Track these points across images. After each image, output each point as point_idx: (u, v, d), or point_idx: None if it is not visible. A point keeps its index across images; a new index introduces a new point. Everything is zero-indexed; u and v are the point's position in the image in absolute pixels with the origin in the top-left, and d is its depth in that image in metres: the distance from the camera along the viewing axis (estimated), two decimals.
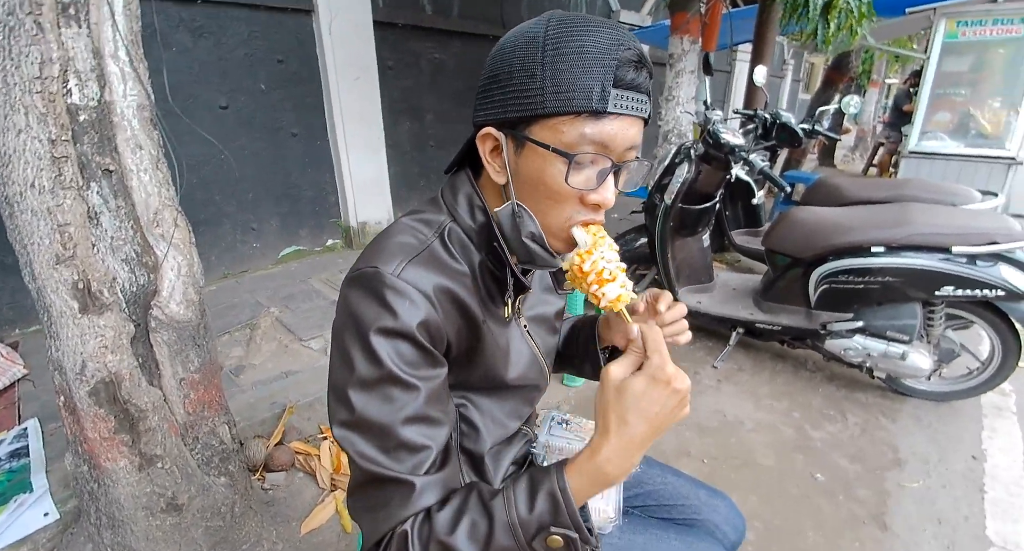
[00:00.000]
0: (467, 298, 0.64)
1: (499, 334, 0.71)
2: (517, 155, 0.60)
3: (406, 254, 0.61)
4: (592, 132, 0.55)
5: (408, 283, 0.58)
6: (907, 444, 2.00)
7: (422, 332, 0.58)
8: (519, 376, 0.74)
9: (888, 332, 2.10)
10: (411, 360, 0.58)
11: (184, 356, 1.17)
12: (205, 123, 2.77)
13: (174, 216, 1.15)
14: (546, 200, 0.60)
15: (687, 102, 3.50)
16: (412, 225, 0.66)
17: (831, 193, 3.04)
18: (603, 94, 0.54)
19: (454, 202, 0.67)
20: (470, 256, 0.66)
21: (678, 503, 0.89)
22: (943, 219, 2.00)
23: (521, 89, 0.56)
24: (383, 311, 0.57)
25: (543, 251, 0.64)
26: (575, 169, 0.57)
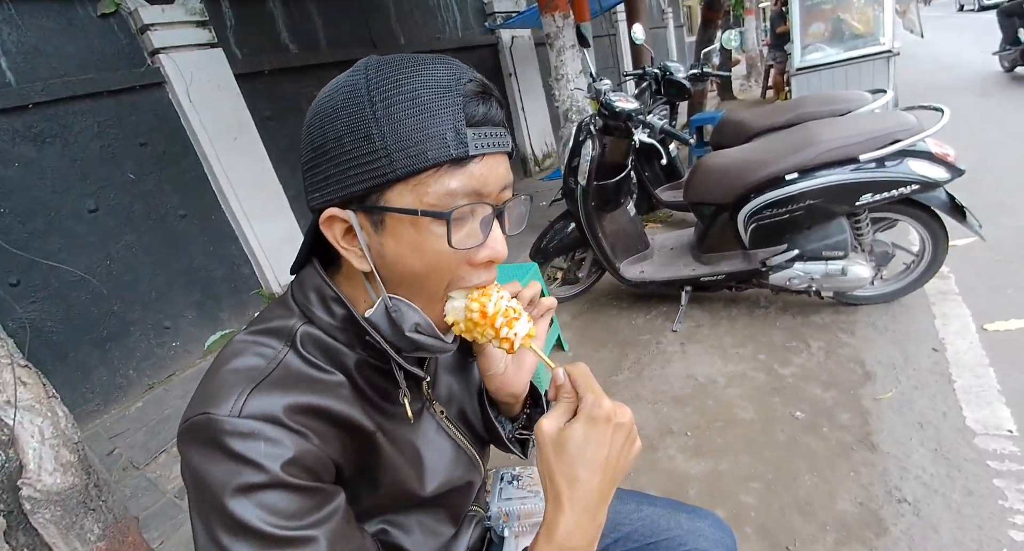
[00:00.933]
0: (347, 410, 0.53)
1: (403, 440, 0.60)
2: (378, 233, 0.50)
3: (246, 382, 0.49)
4: (460, 183, 0.48)
5: (256, 419, 0.47)
6: (872, 355, 2.02)
7: (293, 472, 0.47)
8: (440, 483, 0.63)
9: (823, 252, 2.12)
10: (293, 511, 0.46)
11: (79, 528, 1.01)
12: (76, 230, 2.53)
13: (15, 375, 0.98)
14: (426, 276, 0.52)
15: (576, 77, 3.47)
16: (253, 341, 0.54)
17: (736, 129, 3.07)
18: (459, 137, 0.47)
19: (305, 300, 0.56)
20: (341, 359, 0.55)
21: (661, 538, 0.80)
22: (844, 131, 2.02)
23: (359, 156, 0.47)
24: (234, 465, 0.45)
25: (434, 340, 0.56)
26: (456, 227, 0.49)
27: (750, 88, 9.86)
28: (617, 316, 2.77)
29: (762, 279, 2.28)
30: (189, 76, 2.85)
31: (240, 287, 3.20)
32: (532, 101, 6.33)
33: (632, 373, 2.25)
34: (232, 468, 0.45)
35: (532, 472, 0.85)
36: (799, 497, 1.51)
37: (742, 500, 1.54)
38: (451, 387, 0.70)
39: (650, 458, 1.76)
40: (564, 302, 2.98)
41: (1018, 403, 1.63)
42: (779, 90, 7.48)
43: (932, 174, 1.86)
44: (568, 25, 3.46)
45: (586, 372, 0.51)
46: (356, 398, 0.55)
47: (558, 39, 3.54)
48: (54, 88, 2.43)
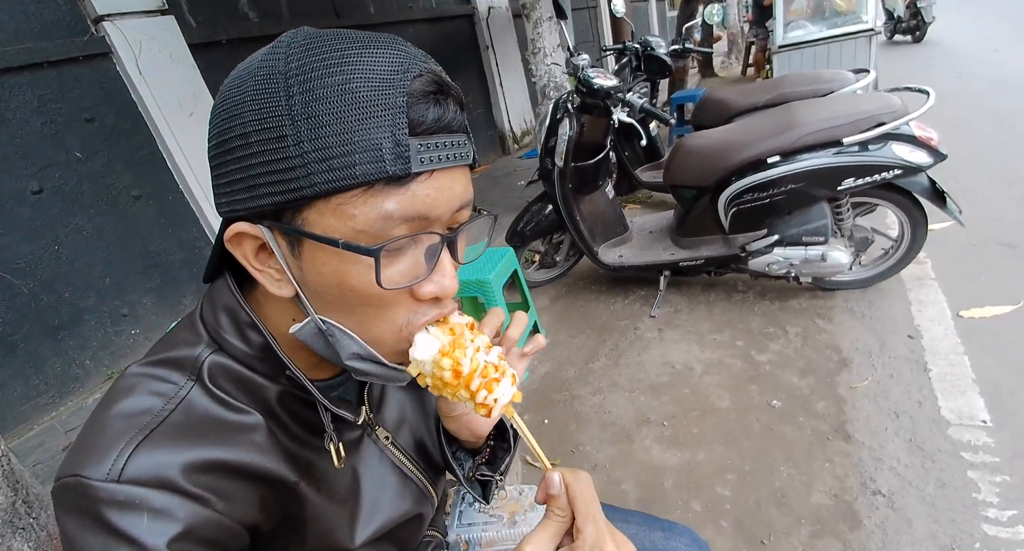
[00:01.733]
0: (263, 463, 0.45)
1: (337, 481, 0.52)
2: (295, 256, 0.41)
3: (133, 433, 0.40)
4: (399, 206, 0.38)
5: (139, 484, 0.38)
6: (848, 341, 2.01)
7: (187, 548, 0.39)
8: (382, 523, 0.55)
9: (804, 238, 2.08)
10: None
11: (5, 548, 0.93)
12: (19, 212, 2.36)
13: None
14: (361, 309, 0.42)
15: (554, 51, 3.34)
16: (148, 374, 0.44)
17: (718, 108, 3.01)
18: (398, 149, 0.36)
19: (216, 323, 0.47)
20: (259, 393, 0.47)
21: None
22: (828, 112, 1.97)
23: (269, 161, 0.37)
24: (110, 542, 0.37)
25: (383, 368, 0.46)
26: (388, 263, 0.39)
27: (731, 65, 9.79)
28: (595, 301, 2.72)
29: (741, 264, 2.25)
30: (138, 46, 2.65)
31: (200, 269, 3.06)
32: (510, 76, 6.16)
33: (609, 360, 2.21)
34: (109, 544, 0.37)
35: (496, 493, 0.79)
36: (775, 489, 1.50)
37: (718, 492, 1.52)
38: (403, 409, 0.62)
39: (626, 449, 1.73)
40: (541, 286, 2.92)
41: (992, 392, 1.63)
42: (760, 68, 7.40)
43: (915, 159, 1.82)
44: None
45: (588, 489, 0.40)
46: (275, 443, 0.46)
47: (535, 10, 3.40)
48: None
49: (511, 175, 5.16)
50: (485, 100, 6.04)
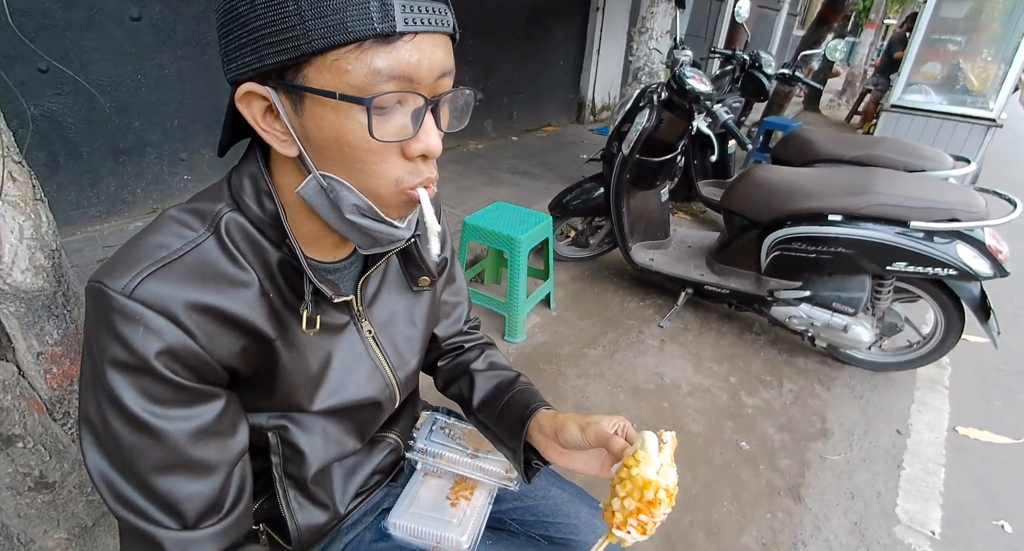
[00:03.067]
0: (247, 313, 0.51)
1: (312, 349, 0.59)
2: (298, 113, 0.46)
3: (149, 263, 0.47)
4: (387, 64, 0.42)
5: (143, 303, 0.46)
6: (836, 415, 2.03)
7: (166, 363, 0.47)
8: (342, 400, 0.62)
9: (834, 303, 2.07)
10: (159, 397, 0.48)
11: (39, 329, 1.04)
12: (116, 36, 2.43)
13: (6, 169, 0.96)
14: (357, 163, 0.47)
15: (662, 36, 3.22)
16: (178, 218, 0.51)
17: (803, 147, 2.91)
18: (384, 8, 0.41)
19: (239, 187, 0.53)
20: (264, 255, 0.53)
21: (556, 520, 0.82)
22: (906, 189, 1.91)
23: (272, 21, 0.41)
24: (112, 342, 0.46)
25: (380, 224, 0.51)
26: (379, 117, 0.45)
27: (838, 106, 9.29)
28: (612, 293, 2.75)
29: (764, 307, 2.25)
30: None
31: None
32: (610, 45, 5.95)
33: (605, 352, 2.27)
34: (111, 343, 0.46)
35: (466, 427, 0.86)
36: (711, 519, 1.57)
37: None
38: (393, 314, 0.68)
39: None
40: (567, 262, 2.95)
41: (953, 509, 1.65)
42: (867, 119, 7.03)
43: (976, 266, 1.77)
44: None
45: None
46: (264, 303, 0.53)
47: None
48: None
49: (576, 145, 5.09)
50: (577, 62, 5.86)
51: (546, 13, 5.05)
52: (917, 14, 4.17)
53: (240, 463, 0.55)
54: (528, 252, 2.19)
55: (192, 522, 0.50)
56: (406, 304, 0.70)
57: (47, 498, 1.10)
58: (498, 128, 5.00)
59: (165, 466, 0.49)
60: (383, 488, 0.80)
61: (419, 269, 0.68)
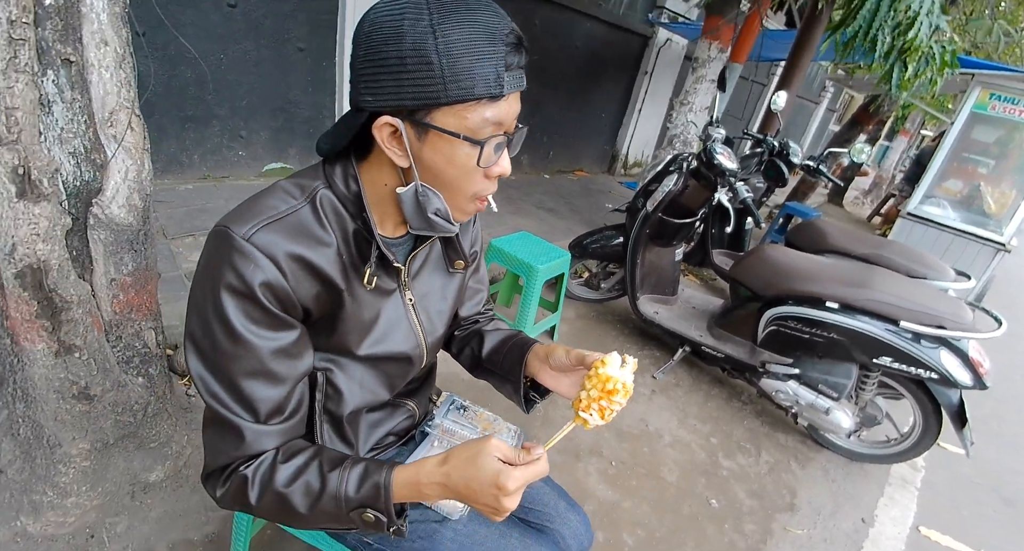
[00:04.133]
0: (326, 266, 0.65)
1: (368, 304, 0.73)
2: (420, 141, 0.61)
3: (264, 218, 0.62)
4: (492, 114, 0.59)
5: (256, 247, 0.60)
6: (807, 492, 2.10)
7: (265, 294, 0.60)
8: (382, 350, 0.76)
9: (820, 385, 2.17)
10: (256, 319, 0.61)
11: (119, 258, 1.17)
12: (211, 18, 2.65)
13: (130, 118, 1.11)
14: (453, 182, 0.64)
15: (701, 111, 3.44)
16: (286, 188, 0.67)
17: (816, 236, 3.05)
18: (498, 79, 0.58)
19: (332, 172, 0.68)
20: (343, 223, 0.68)
21: (534, 507, 0.93)
22: (902, 291, 2.03)
23: (418, 77, 0.56)
24: (229, 271, 0.59)
25: (446, 222, 0.68)
26: (484, 149, 0.61)
27: (862, 205, 9.54)
28: (613, 337, 2.86)
29: (754, 378, 2.35)
30: None
31: (314, 134, 3.34)
32: (651, 107, 6.24)
33: None
34: (228, 272, 0.60)
35: (479, 410, 0.98)
36: None
37: (623, 537, 1.67)
38: (431, 288, 0.83)
39: (570, 465, 1.89)
40: (575, 300, 3.07)
41: None
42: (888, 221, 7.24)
43: (957, 375, 1.88)
44: (720, 59, 3.40)
45: (541, 472, 0.63)
46: (338, 260, 0.67)
47: (703, 68, 3.49)
48: None
49: (603, 194, 5.29)
50: (618, 117, 6.13)
51: (599, 66, 5.33)
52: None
53: (301, 383, 0.69)
54: (543, 283, 2.32)
55: (263, 418, 0.64)
56: (441, 282, 0.85)
57: (84, 409, 1.20)
58: (533, 164, 5.22)
59: (250, 372, 0.62)
60: (395, 448, 0.91)
61: (456, 253, 0.84)
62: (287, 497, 0.63)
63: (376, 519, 0.63)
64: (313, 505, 0.63)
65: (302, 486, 0.63)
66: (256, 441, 0.64)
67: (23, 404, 1.20)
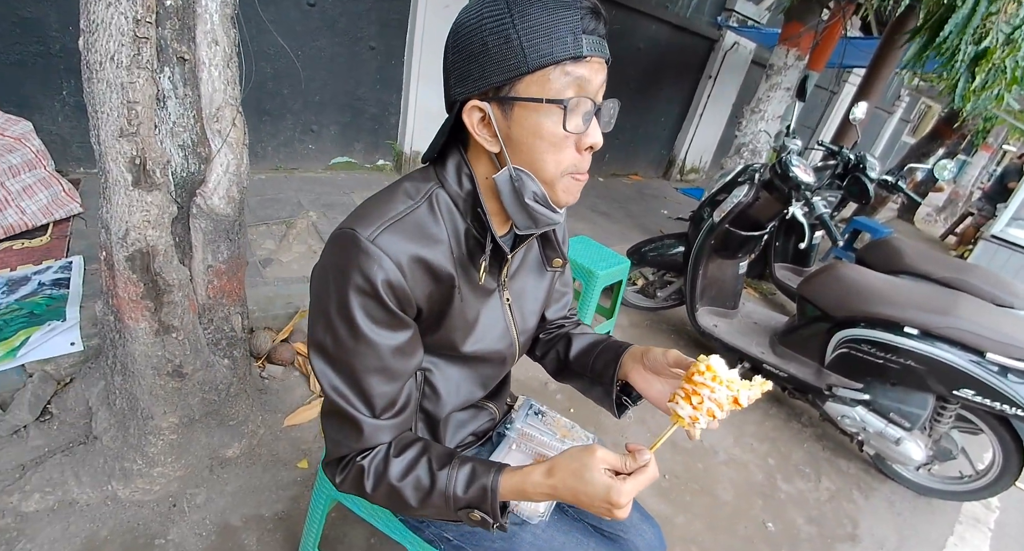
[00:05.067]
0: (442, 264, 0.67)
1: (471, 303, 0.74)
2: (507, 119, 0.62)
3: (386, 220, 0.64)
4: (574, 76, 0.59)
5: (380, 248, 0.62)
6: (870, 524, 2.00)
7: (387, 292, 0.63)
8: (481, 348, 0.77)
9: (892, 413, 2.05)
10: (377, 318, 0.64)
11: (215, 246, 1.24)
12: (291, 15, 2.76)
13: (234, 115, 1.18)
14: (543, 154, 0.63)
15: (773, 119, 3.32)
16: (404, 189, 0.69)
17: (892, 255, 2.90)
18: (576, 40, 0.58)
19: (443, 171, 0.70)
20: (455, 222, 0.70)
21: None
22: (989, 320, 1.90)
23: (500, 55, 0.59)
24: (354, 271, 0.62)
25: (547, 209, 0.67)
26: (570, 114, 0.61)
27: (935, 222, 8.98)
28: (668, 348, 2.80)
29: (818, 400, 2.25)
30: None
31: (380, 131, 3.43)
32: (714, 113, 6.06)
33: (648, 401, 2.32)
34: (353, 272, 0.62)
35: (556, 416, 0.98)
36: None
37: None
38: (525, 288, 0.84)
39: None
40: (630, 308, 3.03)
41: None
42: (964, 242, 6.79)
43: None
44: (797, 67, 3.27)
45: (649, 478, 0.62)
46: (451, 256, 0.69)
47: (778, 75, 3.37)
48: None
49: (658, 199, 5.20)
50: (677, 122, 6.00)
51: (661, 69, 5.23)
52: None
53: (411, 379, 0.72)
54: (601, 288, 2.30)
55: (379, 412, 0.67)
56: (534, 283, 0.86)
57: (176, 385, 1.28)
58: None
59: (370, 369, 0.65)
60: (474, 448, 0.93)
61: (555, 251, 0.85)
62: (400, 490, 0.66)
63: (482, 519, 0.65)
64: (423, 500, 0.66)
65: (413, 481, 0.66)
66: (373, 435, 0.67)
67: (121, 377, 1.29)
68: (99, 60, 0.99)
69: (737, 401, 0.66)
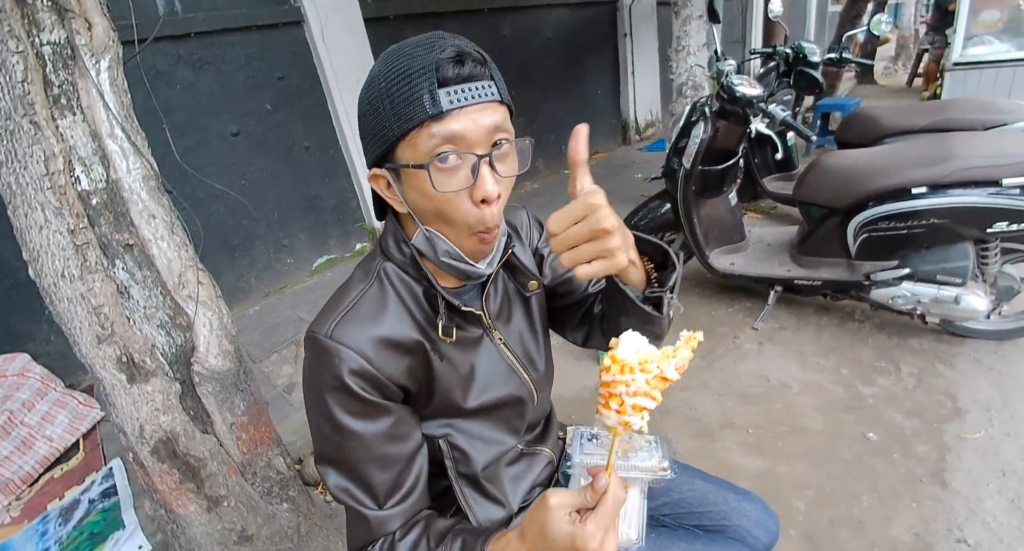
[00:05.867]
0: (407, 336, 0.68)
1: (458, 358, 0.74)
2: (401, 184, 0.63)
3: (339, 312, 0.66)
4: (442, 135, 0.58)
5: (338, 342, 0.64)
6: (967, 392, 1.92)
7: (357, 384, 0.63)
8: (489, 398, 0.77)
9: (939, 276, 1.99)
10: (355, 410, 0.65)
11: (230, 403, 1.26)
12: (219, 149, 2.84)
13: (196, 275, 1.21)
14: (439, 215, 0.63)
15: (699, 51, 3.30)
16: (356, 275, 0.72)
17: (868, 126, 2.85)
18: (433, 98, 0.57)
19: (385, 242, 0.72)
20: (411, 288, 0.71)
21: (707, 509, 0.89)
22: (990, 148, 1.85)
23: (376, 126, 0.61)
24: (322, 371, 0.64)
25: (464, 264, 0.67)
26: (439, 174, 0.59)
27: (895, 72, 8.81)
28: (697, 303, 2.76)
29: (862, 293, 2.19)
30: (324, 17, 3.02)
31: (346, 219, 3.48)
32: (644, 66, 6.07)
33: (703, 362, 2.28)
34: (322, 372, 0.64)
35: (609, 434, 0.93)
36: (853, 514, 1.53)
37: (792, 504, 1.58)
38: (518, 324, 0.83)
39: (707, 446, 1.82)
40: None
41: None
42: (930, 80, 6.62)
43: None
44: None
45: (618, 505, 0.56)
46: (414, 325, 0.70)
47: (685, 7, 3.36)
48: (212, 19, 2.68)
49: (628, 166, 5.18)
50: (614, 87, 6.01)
51: (577, 48, 5.28)
52: None
53: (415, 460, 0.71)
54: None
55: (383, 502, 0.68)
56: (523, 312, 0.84)
57: (247, 550, 1.29)
58: (550, 165, 5.19)
59: (363, 460, 0.66)
60: None
61: (524, 275, 0.82)
62: None
63: None
64: None
65: None
66: (380, 526, 0.68)
67: None
68: (52, 282, 1.03)
69: (664, 377, 0.57)
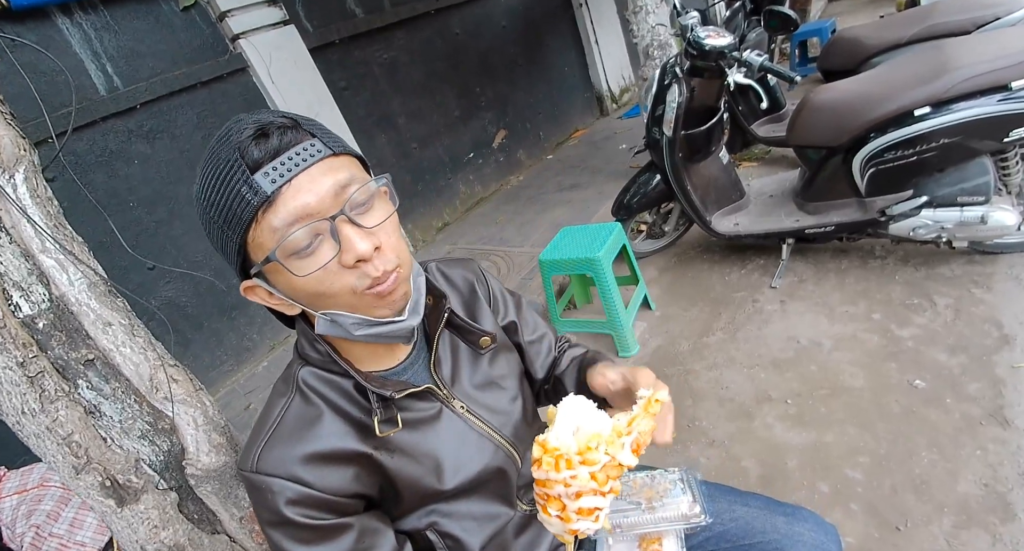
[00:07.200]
0: (340, 444, 0.62)
1: (416, 445, 0.67)
2: (273, 285, 0.59)
3: (261, 438, 0.62)
4: (280, 219, 0.52)
5: (264, 474, 0.59)
6: (1011, 314, 1.78)
7: (297, 512, 0.59)
8: (466, 475, 0.69)
9: (959, 198, 1.85)
10: (307, 538, 0.61)
11: (234, 497, 1.20)
12: (194, 217, 2.79)
13: (168, 374, 1.14)
14: (321, 294, 0.57)
15: (657, 8, 3.13)
16: (277, 388, 0.67)
17: (851, 49, 2.69)
18: (252, 188, 0.51)
19: (301, 345, 0.68)
20: (339, 386, 0.65)
21: (755, 540, 0.79)
22: (989, 51, 1.69)
23: (218, 240, 0.57)
24: (259, 508, 0.61)
25: (381, 326, 0.60)
26: (294, 259, 0.54)
27: None
28: (708, 271, 2.64)
29: (880, 229, 2.05)
30: (268, 57, 2.94)
31: None
32: (606, 33, 5.87)
33: (726, 334, 2.17)
34: (258, 509, 0.62)
35: (632, 477, 0.84)
36: (914, 475, 1.42)
37: (848, 475, 1.48)
38: (476, 381, 0.75)
39: (746, 427, 1.72)
40: (648, 256, 2.88)
41: None
42: None
43: None
44: None
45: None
46: (349, 428, 0.64)
47: None
48: (155, 86, 2.61)
49: (611, 138, 5.01)
50: (580, 60, 5.83)
51: (534, 30, 5.12)
52: None
53: None
54: (611, 265, 2.18)
55: None
56: (484, 369, 0.76)
57: None
58: (531, 154, 5.06)
59: None
60: None
61: (473, 333, 0.74)
62: None
63: None
64: None
65: None
66: None
67: None
68: (15, 420, 0.97)
69: (619, 464, 0.49)
